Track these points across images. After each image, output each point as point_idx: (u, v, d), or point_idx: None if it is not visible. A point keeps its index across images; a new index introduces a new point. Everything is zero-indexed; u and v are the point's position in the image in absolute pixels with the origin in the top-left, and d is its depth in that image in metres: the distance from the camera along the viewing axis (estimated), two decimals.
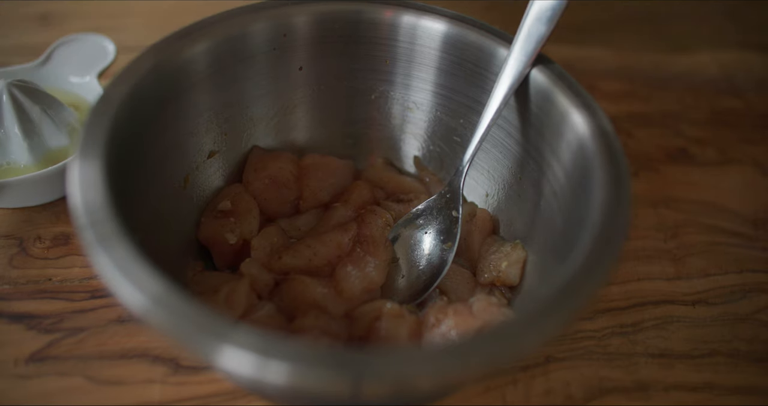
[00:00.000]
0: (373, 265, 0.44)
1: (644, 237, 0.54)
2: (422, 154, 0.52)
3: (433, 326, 0.40)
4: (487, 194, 0.49)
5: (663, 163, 0.61)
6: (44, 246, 0.48)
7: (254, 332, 0.27)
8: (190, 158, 0.44)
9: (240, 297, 0.40)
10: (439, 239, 0.46)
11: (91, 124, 0.34)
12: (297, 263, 0.44)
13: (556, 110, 0.39)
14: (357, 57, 0.47)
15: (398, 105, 0.50)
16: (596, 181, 0.35)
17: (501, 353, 0.28)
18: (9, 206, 0.50)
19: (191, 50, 0.40)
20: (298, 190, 0.49)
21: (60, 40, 0.58)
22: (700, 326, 0.48)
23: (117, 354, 0.42)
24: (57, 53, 0.58)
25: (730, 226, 0.55)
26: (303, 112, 0.50)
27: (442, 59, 0.46)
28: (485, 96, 0.43)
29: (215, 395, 0.41)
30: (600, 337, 0.46)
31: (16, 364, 0.41)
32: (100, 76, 0.57)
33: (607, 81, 0.70)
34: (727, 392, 0.44)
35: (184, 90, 0.41)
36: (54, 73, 0.57)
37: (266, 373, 0.26)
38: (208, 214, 0.46)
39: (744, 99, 0.69)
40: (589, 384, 0.43)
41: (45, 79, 0.56)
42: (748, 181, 0.60)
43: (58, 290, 0.46)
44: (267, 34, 0.44)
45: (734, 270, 0.52)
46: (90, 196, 0.31)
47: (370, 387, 0.27)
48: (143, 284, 0.28)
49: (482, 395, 0.42)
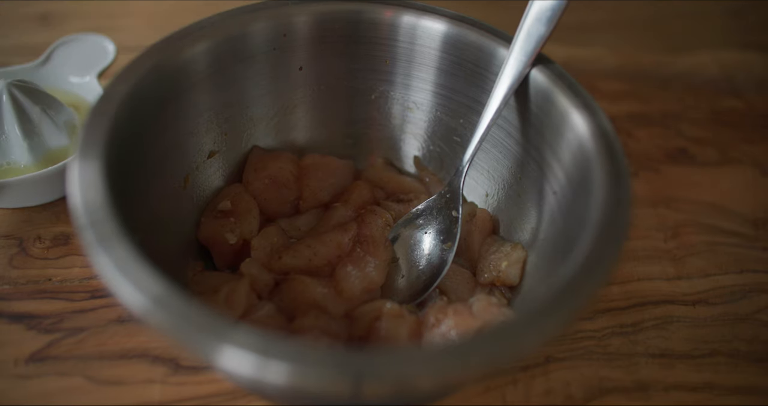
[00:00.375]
0: (373, 265, 0.44)
1: (644, 237, 0.54)
2: (422, 154, 0.52)
3: (433, 326, 0.40)
4: (487, 194, 0.49)
5: (663, 163, 0.61)
6: (44, 246, 0.48)
7: (254, 332, 0.27)
8: (190, 158, 0.44)
9: (240, 297, 0.40)
10: (439, 239, 0.46)
11: (91, 124, 0.34)
12: (297, 263, 0.44)
13: (556, 110, 0.39)
14: (357, 57, 0.47)
15: (398, 105, 0.50)
16: (596, 181, 0.35)
17: (501, 353, 0.28)
18: (9, 206, 0.50)
19: (191, 50, 0.40)
20: (298, 191, 0.49)
21: (60, 40, 0.58)
22: (700, 326, 0.48)
23: (117, 354, 0.42)
24: (57, 53, 0.58)
25: (730, 226, 0.55)
26: (303, 112, 0.50)
27: (442, 59, 0.46)
28: (485, 96, 0.43)
29: (215, 395, 0.41)
30: (600, 337, 0.46)
31: (16, 364, 0.41)
32: (100, 76, 0.57)
33: (607, 81, 0.70)
34: (728, 392, 0.44)
35: (184, 90, 0.41)
36: (54, 73, 0.57)
37: (266, 373, 0.26)
38: (208, 214, 0.46)
39: (744, 99, 0.69)
40: (589, 384, 0.43)
41: (45, 79, 0.56)
42: (748, 181, 0.60)
43: (58, 290, 0.46)
44: (267, 34, 0.44)
45: (734, 270, 0.52)
46: (90, 196, 0.31)
47: (370, 387, 0.27)
48: (143, 284, 0.28)
49: (482, 395, 0.42)
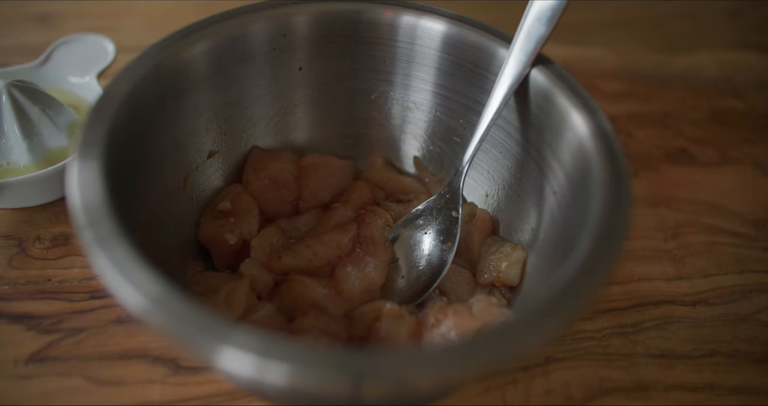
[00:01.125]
0: (373, 265, 0.44)
1: (644, 237, 0.54)
2: (422, 155, 0.52)
3: (432, 327, 0.40)
4: (486, 195, 0.49)
5: (663, 163, 0.61)
6: (44, 246, 0.48)
7: (254, 333, 0.27)
8: (189, 158, 0.44)
9: (240, 297, 0.40)
10: (439, 240, 0.46)
11: (90, 124, 0.34)
12: (297, 264, 0.44)
13: (556, 110, 0.39)
14: (357, 57, 0.47)
15: (398, 105, 0.50)
16: (596, 181, 0.34)
17: (501, 353, 0.28)
18: (9, 206, 0.50)
19: (191, 50, 0.40)
20: (298, 191, 0.49)
21: (59, 40, 0.58)
22: (700, 327, 0.48)
23: (117, 354, 0.42)
24: (56, 53, 0.58)
25: (730, 226, 0.55)
26: (303, 113, 0.50)
27: (442, 59, 0.46)
28: (485, 96, 0.43)
29: (215, 396, 0.41)
30: (600, 337, 0.46)
31: (16, 364, 0.41)
32: (100, 76, 0.57)
33: (607, 81, 0.70)
34: (727, 393, 0.44)
35: (184, 90, 0.41)
36: (53, 74, 0.57)
37: (266, 373, 0.26)
38: (207, 214, 0.46)
39: (744, 99, 0.69)
40: (589, 384, 0.43)
41: (44, 79, 0.56)
42: (748, 181, 0.60)
43: (57, 290, 0.46)
44: (267, 34, 0.44)
45: (734, 270, 0.52)
46: (89, 196, 0.31)
47: (370, 387, 0.27)
48: (143, 284, 0.28)
49: (482, 395, 0.42)
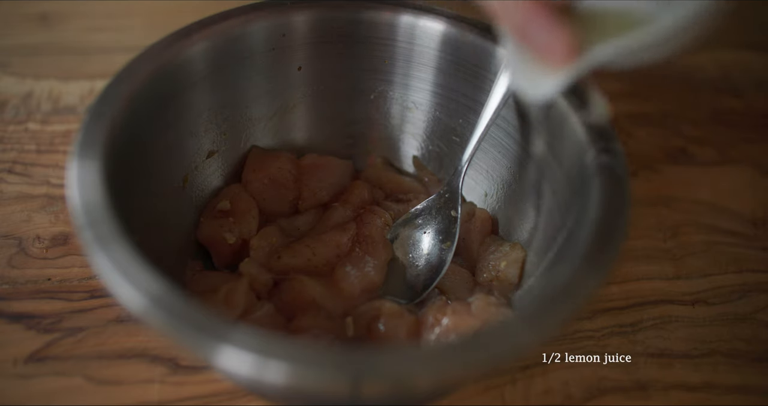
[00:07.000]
0: (372, 265, 0.44)
1: (644, 237, 0.54)
2: (421, 154, 0.52)
3: (432, 326, 0.40)
4: (486, 194, 0.49)
5: (663, 163, 0.61)
6: (43, 246, 0.48)
7: (253, 332, 0.27)
8: (189, 158, 0.44)
9: (239, 297, 0.40)
10: (438, 239, 0.46)
11: (89, 124, 0.34)
12: (296, 263, 0.44)
13: (555, 110, 0.39)
14: (356, 57, 0.47)
15: (397, 105, 0.50)
16: (595, 180, 0.35)
17: (500, 352, 0.28)
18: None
19: (191, 50, 0.40)
20: (297, 190, 0.49)
21: None
22: (699, 326, 0.48)
23: (116, 354, 0.42)
24: None
25: (729, 226, 0.55)
26: (302, 112, 0.50)
27: (441, 59, 0.46)
28: (484, 96, 0.43)
29: (214, 395, 0.41)
30: (599, 337, 0.46)
31: (15, 364, 0.41)
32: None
33: (607, 81, 0.70)
34: (726, 392, 0.44)
35: (184, 90, 0.41)
36: None
37: (265, 373, 0.26)
38: (207, 214, 0.46)
39: (743, 99, 0.69)
40: (588, 384, 0.43)
41: None
42: (748, 181, 0.60)
43: (57, 289, 0.46)
44: (266, 33, 0.44)
45: (733, 270, 0.52)
46: (89, 196, 0.31)
47: (370, 387, 0.27)
48: (142, 283, 0.28)
49: (481, 394, 0.42)
